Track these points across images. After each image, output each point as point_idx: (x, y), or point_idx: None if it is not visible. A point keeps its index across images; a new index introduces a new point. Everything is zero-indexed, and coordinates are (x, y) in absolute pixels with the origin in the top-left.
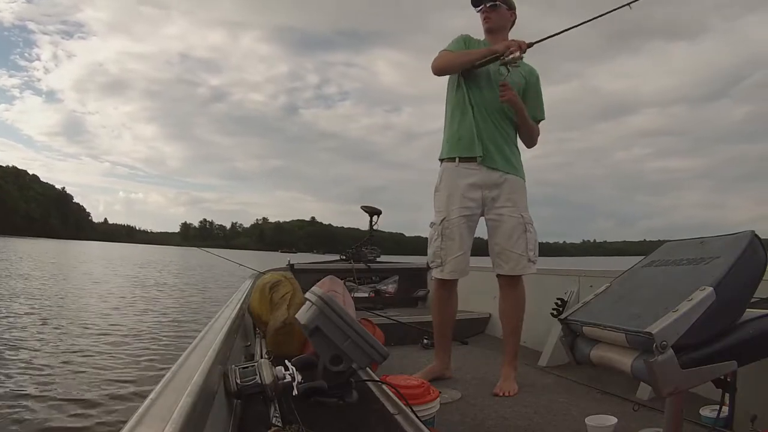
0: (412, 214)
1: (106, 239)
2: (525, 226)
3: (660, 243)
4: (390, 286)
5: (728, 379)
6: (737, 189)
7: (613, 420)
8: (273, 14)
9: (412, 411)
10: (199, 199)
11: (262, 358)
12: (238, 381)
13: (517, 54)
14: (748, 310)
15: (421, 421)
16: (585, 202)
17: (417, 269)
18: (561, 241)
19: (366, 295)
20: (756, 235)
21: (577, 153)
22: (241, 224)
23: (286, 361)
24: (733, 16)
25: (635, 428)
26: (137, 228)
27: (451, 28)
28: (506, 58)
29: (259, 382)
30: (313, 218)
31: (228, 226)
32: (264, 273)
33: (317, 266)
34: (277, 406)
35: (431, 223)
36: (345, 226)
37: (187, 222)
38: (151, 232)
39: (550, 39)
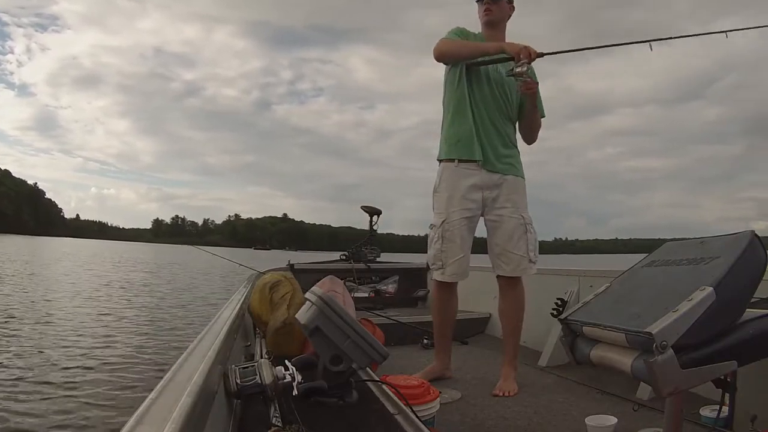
0: (384, 212)
1: (78, 235)
2: (526, 226)
3: (631, 241)
4: (390, 286)
5: (728, 379)
6: (708, 189)
7: (613, 420)
8: (248, 9)
9: (412, 411)
10: (171, 195)
11: (262, 358)
12: (238, 381)
13: (526, 67)
14: (748, 310)
15: (421, 421)
16: (558, 200)
17: (417, 269)
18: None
19: (366, 295)
20: (756, 235)
21: (550, 152)
22: (213, 221)
23: (286, 361)
24: (707, 20)
25: (635, 428)
26: (109, 224)
27: (427, 26)
28: (516, 69)
29: (259, 382)
30: (285, 215)
31: (200, 222)
32: (264, 273)
33: (317, 266)
34: (277, 406)
35: (431, 225)
36: (317, 223)
37: (159, 218)
38: (123, 228)
39: (559, 53)
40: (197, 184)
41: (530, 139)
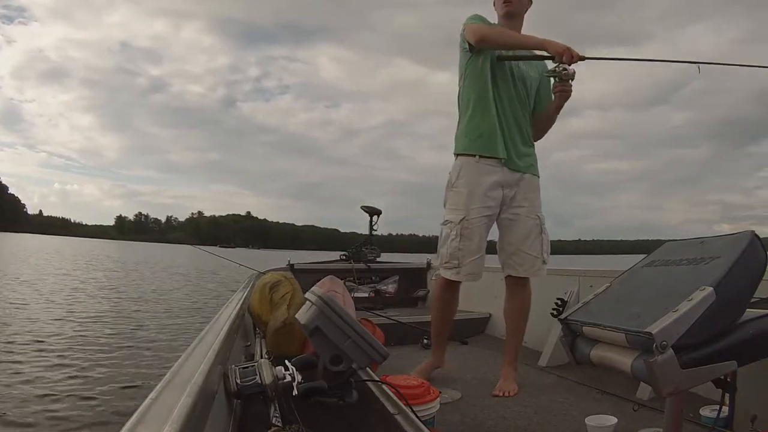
0: (348, 211)
1: (42, 231)
2: (541, 227)
3: (594, 243)
4: (390, 286)
5: (728, 379)
6: (674, 192)
7: (613, 420)
8: (217, 5)
9: (412, 411)
10: (134, 191)
11: (262, 358)
12: (238, 381)
13: (572, 70)
14: (748, 310)
15: (421, 421)
16: None
17: (417, 269)
18: (496, 240)
19: (366, 295)
20: (756, 235)
21: None
22: (176, 218)
23: (286, 361)
24: (675, 26)
25: (635, 428)
26: (72, 221)
27: (397, 26)
28: (560, 71)
29: (259, 382)
30: (248, 213)
31: (163, 219)
32: (264, 273)
33: (317, 266)
34: (277, 406)
35: (445, 221)
36: (280, 222)
37: (122, 215)
38: (86, 225)
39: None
40: (161, 181)
41: (540, 137)
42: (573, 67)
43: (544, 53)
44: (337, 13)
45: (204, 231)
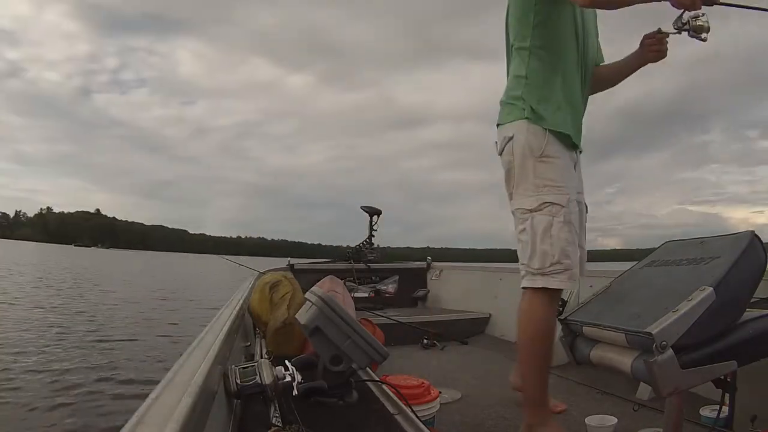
0: (198, 211)
1: None
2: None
3: (443, 250)
4: (390, 286)
5: (728, 379)
6: None
7: (613, 420)
8: None
9: (412, 411)
10: None
11: (262, 358)
12: (238, 381)
13: (705, 19)
14: (748, 310)
15: (421, 421)
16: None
17: (417, 269)
18: (344, 245)
19: (366, 295)
20: (756, 235)
21: (366, 159)
22: (25, 213)
23: (286, 361)
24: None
25: (635, 428)
26: None
27: (259, 23)
28: (693, 22)
29: (259, 382)
30: (98, 210)
31: (11, 214)
32: (264, 273)
33: (317, 266)
34: (277, 406)
35: (544, 203)
36: (130, 220)
37: None
38: None
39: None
40: (10, 173)
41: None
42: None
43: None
44: (202, 6)
45: (53, 228)
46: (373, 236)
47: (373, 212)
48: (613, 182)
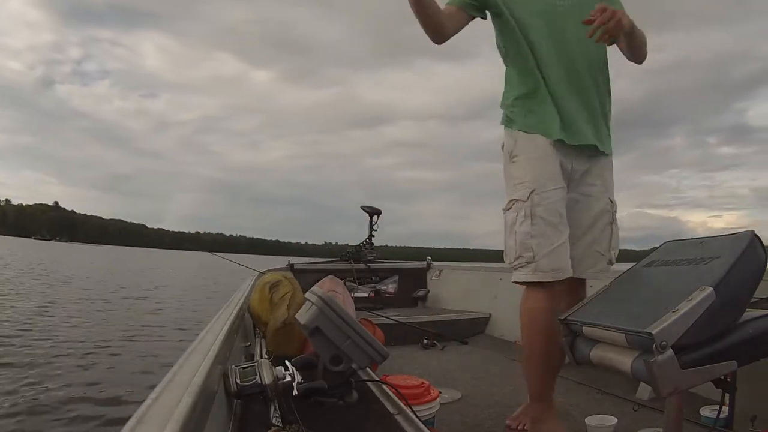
0: (157, 205)
1: None
2: (613, 214)
3: (402, 248)
4: (390, 286)
5: (728, 379)
6: (481, 203)
7: (613, 420)
8: None
9: (412, 411)
10: None
11: (262, 358)
12: (238, 381)
13: None
14: (748, 310)
15: (421, 421)
16: (332, 205)
17: (417, 269)
18: (303, 242)
19: (366, 295)
20: (756, 235)
21: (328, 157)
22: None
23: (286, 361)
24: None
25: (635, 428)
26: None
27: (224, 19)
28: None
29: (259, 382)
30: (56, 203)
31: None
32: (264, 273)
33: (317, 266)
34: (277, 406)
35: (511, 200)
36: (88, 214)
37: None
38: None
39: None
40: None
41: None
42: None
43: None
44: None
45: (11, 220)
46: (373, 236)
47: (373, 212)
48: None
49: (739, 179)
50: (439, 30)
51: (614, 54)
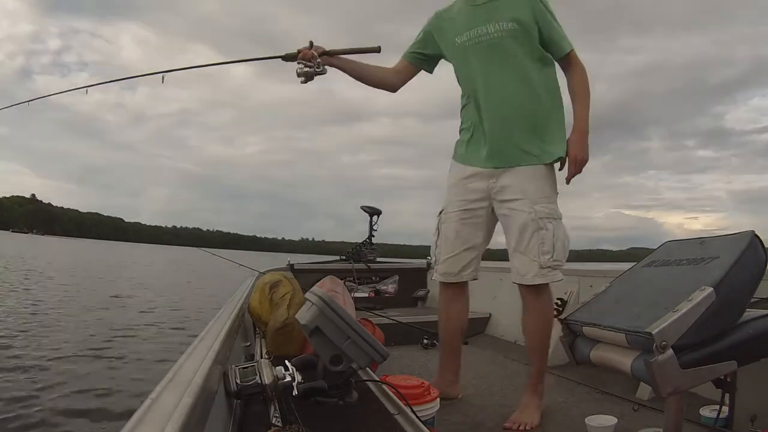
0: (133, 199)
1: None
2: (539, 221)
3: (378, 245)
4: (390, 286)
5: (728, 379)
6: None
7: (613, 420)
8: None
9: (412, 411)
10: None
11: (262, 358)
12: (238, 381)
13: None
14: (748, 310)
15: (421, 421)
16: (307, 201)
17: (417, 269)
18: (279, 237)
19: (366, 295)
20: (756, 235)
21: (303, 153)
22: None
23: (286, 361)
24: None
25: (635, 428)
26: None
27: (201, 11)
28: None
29: (259, 382)
30: (33, 195)
31: None
32: (264, 273)
33: (317, 266)
34: (277, 406)
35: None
36: (65, 207)
37: None
38: None
39: None
40: None
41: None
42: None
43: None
44: None
45: None
46: (373, 236)
47: (373, 212)
48: None
49: (716, 182)
50: (382, 86)
51: (591, 56)
